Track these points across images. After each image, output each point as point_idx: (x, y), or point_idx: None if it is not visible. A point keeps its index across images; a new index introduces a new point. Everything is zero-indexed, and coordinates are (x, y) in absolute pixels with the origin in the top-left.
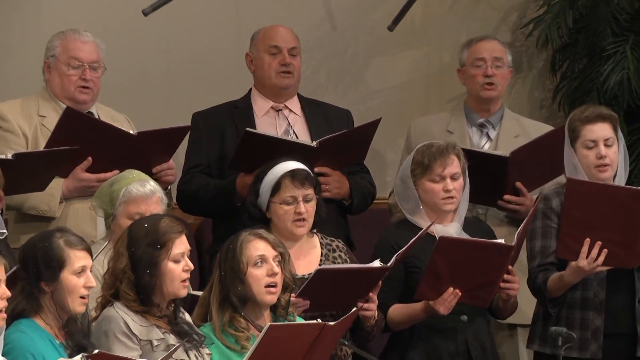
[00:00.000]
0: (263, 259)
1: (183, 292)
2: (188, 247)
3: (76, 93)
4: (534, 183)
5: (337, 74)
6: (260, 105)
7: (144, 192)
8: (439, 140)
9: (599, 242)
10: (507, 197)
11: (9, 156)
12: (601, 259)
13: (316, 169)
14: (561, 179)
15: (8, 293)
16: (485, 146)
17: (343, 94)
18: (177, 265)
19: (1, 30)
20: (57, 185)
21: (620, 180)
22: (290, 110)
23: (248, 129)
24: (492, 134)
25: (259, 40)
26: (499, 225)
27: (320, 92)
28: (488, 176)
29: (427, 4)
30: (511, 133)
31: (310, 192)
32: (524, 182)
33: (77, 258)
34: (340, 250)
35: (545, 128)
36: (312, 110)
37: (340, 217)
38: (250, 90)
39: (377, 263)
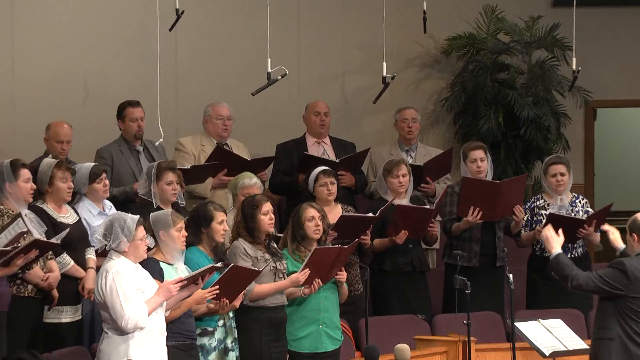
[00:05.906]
0: (313, 217)
1: (271, 230)
2: (271, 208)
3: (222, 132)
4: (435, 177)
5: (347, 124)
6: (310, 141)
7: (251, 182)
8: (393, 158)
9: (478, 207)
10: (422, 184)
11: (188, 167)
12: (479, 216)
13: (338, 172)
14: (447, 175)
15: (186, 234)
16: (409, 161)
17: (350, 134)
18: (265, 217)
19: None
20: (209, 181)
21: (489, 178)
22: (325, 144)
23: (306, 152)
24: (413, 154)
25: (309, 108)
26: (429, 202)
27: (338, 133)
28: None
29: (392, 90)
30: (422, 154)
31: (333, 179)
32: (430, 177)
33: (219, 215)
34: (351, 211)
35: (438, 151)
36: (336, 143)
37: (350, 196)
38: (305, 133)
39: (370, 214)
